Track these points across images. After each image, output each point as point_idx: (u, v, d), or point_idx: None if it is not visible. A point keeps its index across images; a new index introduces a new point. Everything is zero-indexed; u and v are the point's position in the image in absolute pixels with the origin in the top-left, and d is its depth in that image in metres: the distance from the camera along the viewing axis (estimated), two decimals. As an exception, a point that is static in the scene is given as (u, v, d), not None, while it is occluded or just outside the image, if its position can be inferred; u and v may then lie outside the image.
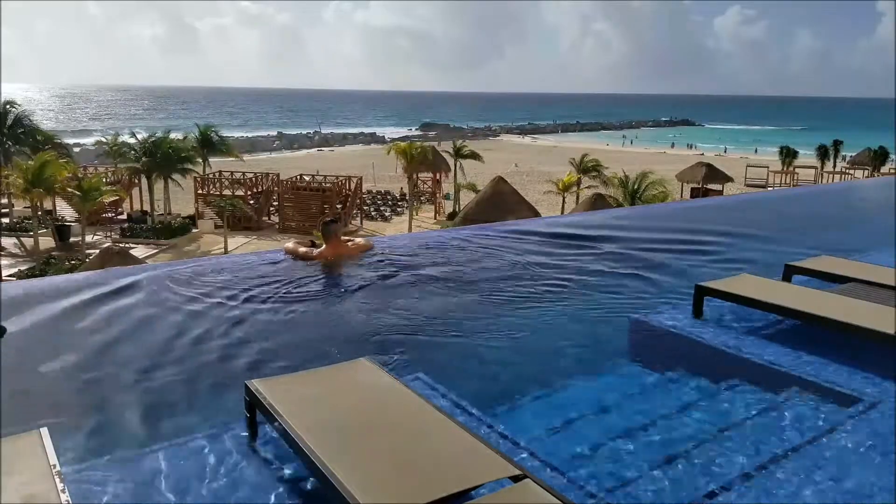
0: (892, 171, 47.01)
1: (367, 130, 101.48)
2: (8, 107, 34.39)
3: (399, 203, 39.23)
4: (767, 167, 47.62)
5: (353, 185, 34.93)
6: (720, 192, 36.89)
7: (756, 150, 72.94)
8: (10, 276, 22.60)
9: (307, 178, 35.54)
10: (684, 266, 6.35)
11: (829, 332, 4.17)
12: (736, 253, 6.82)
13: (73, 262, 23.12)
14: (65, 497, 2.22)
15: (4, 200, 32.11)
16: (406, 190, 36.98)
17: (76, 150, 48.81)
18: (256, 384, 2.98)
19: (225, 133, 44.58)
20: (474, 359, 4.39)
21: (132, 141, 36.34)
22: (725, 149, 76.46)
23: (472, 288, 5.59)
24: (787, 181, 46.35)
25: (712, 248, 7.02)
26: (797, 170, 47.91)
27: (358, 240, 6.82)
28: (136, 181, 35.86)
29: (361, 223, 34.82)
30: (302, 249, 6.21)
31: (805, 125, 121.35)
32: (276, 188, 35.31)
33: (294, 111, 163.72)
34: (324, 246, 6.19)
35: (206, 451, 2.90)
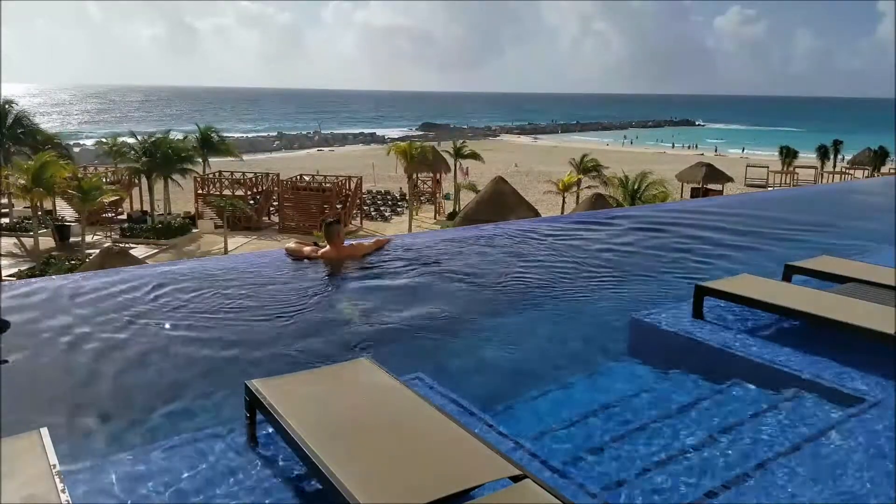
0: (892, 171, 46.98)
1: (367, 130, 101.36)
2: (8, 106, 34.35)
3: (399, 203, 39.20)
4: (767, 167, 47.60)
5: (353, 185, 34.93)
6: (720, 192, 36.87)
7: (743, 150, 74.20)
8: (10, 276, 22.59)
9: (307, 178, 35.53)
10: (685, 266, 6.36)
11: (829, 332, 4.17)
12: (736, 253, 6.82)
13: (73, 262, 23.09)
14: (65, 497, 2.22)
15: (4, 200, 32.08)
16: (406, 190, 36.96)
17: (76, 150, 48.76)
18: (256, 384, 2.98)
19: (225, 133, 44.55)
20: (474, 358, 4.40)
21: (132, 141, 36.34)
22: (716, 148, 77.20)
23: (473, 288, 5.59)
24: (788, 181, 46.32)
25: (712, 248, 7.02)
26: (797, 170, 47.89)
27: (378, 237, 6.98)
28: (136, 181, 35.86)
29: (361, 223, 34.79)
30: (306, 249, 6.22)
31: (805, 125, 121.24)
32: (276, 188, 35.29)
33: (294, 111, 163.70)
34: (327, 246, 6.20)
35: (206, 450, 2.90)
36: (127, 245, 26.72)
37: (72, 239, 29.18)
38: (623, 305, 5.29)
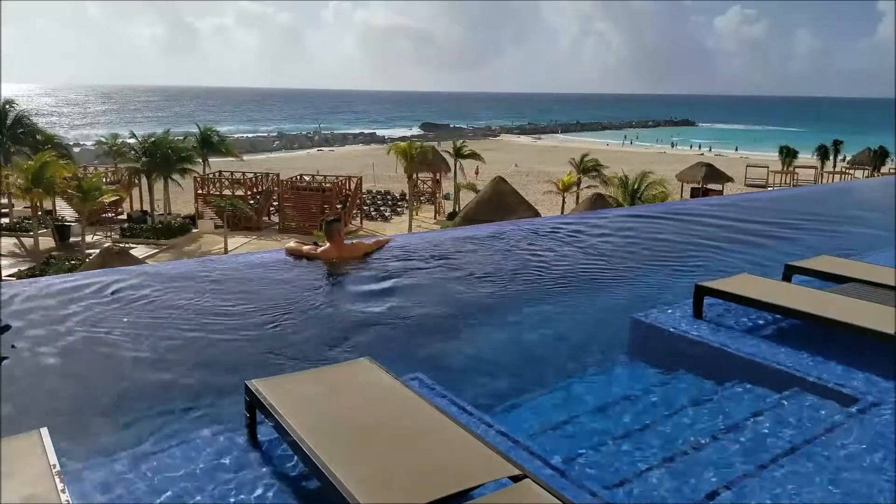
0: (893, 171, 46.98)
1: (367, 130, 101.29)
2: (8, 107, 34.36)
3: (399, 203, 39.20)
4: (767, 167, 47.60)
5: (353, 185, 34.93)
6: (720, 192, 36.86)
7: (736, 149, 74.58)
8: (9, 276, 22.59)
9: (307, 178, 35.52)
10: (685, 265, 6.36)
11: (829, 332, 4.17)
12: (736, 253, 6.82)
13: (73, 262, 23.08)
14: (65, 497, 2.22)
15: (4, 200, 32.07)
16: (406, 190, 36.96)
17: (76, 150, 48.72)
18: (256, 384, 2.97)
19: (225, 133, 44.54)
20: (474, 358, 4.40)
21: (132, 141, 36.36)
22: (711, 147, 77.50)
23: (473, 288, 5.59)
24: (787, 181, 46.32)
25: (712, 248, 7.02)
26: (797, 170, 47.89)
27: (378, 237, 7.02)
28: (136, 181, 35.86)
29: (361, 223, 34.78)
30: (305, 248, 6.22)
31: (805, 125, 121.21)
32: (276, 188, 35.29)
33: (294, 111, 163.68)
34: (327, 245, 6.20)
35: (207, 450, 2.90)
36: (127, 245, 26.70)
37: (72, 239, 29.18)
38: (623, 305, 5.29)
